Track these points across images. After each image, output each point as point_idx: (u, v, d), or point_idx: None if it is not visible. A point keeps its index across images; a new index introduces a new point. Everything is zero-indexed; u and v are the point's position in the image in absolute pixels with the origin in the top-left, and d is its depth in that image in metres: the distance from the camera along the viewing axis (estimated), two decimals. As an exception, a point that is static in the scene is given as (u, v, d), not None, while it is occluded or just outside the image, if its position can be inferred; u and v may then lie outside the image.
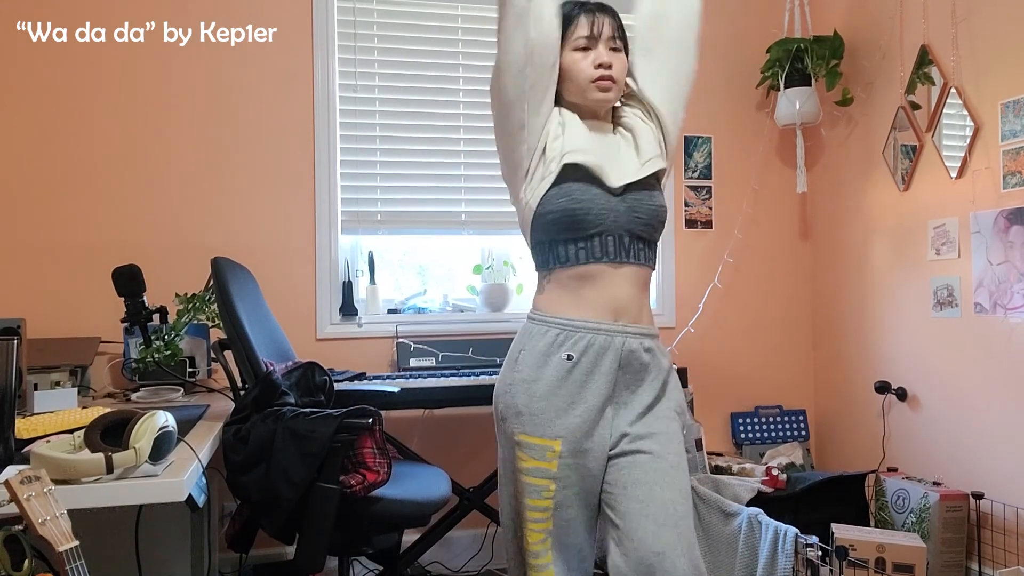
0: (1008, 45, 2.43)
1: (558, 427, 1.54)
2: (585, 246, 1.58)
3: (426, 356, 2.86)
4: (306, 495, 1.83)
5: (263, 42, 2.89)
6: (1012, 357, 2.43)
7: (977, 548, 2.52)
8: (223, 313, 2.00)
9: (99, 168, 2.76)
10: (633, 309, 1.60)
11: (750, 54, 3.33)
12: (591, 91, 1.61)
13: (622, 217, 1.58)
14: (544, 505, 1.54)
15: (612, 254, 1.58)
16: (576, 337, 1.56)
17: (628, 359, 1.57)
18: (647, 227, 1.61)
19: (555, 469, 1.53)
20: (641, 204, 1.60)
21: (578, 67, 1.60)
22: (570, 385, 1.55)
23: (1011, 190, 2.41)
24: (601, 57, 1.59)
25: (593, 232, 1.57)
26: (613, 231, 1.58)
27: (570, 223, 1.56)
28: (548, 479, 1.54)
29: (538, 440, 1.54)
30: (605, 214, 1.57)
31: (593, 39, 1.60)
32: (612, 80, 1.60)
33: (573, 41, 1.61)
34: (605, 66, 1.59)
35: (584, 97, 1.62)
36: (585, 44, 1.60)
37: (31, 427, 1.61)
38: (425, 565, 2.92)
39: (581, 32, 1.60)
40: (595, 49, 1.60)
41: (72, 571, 1.11)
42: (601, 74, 1.59)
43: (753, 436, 3.27)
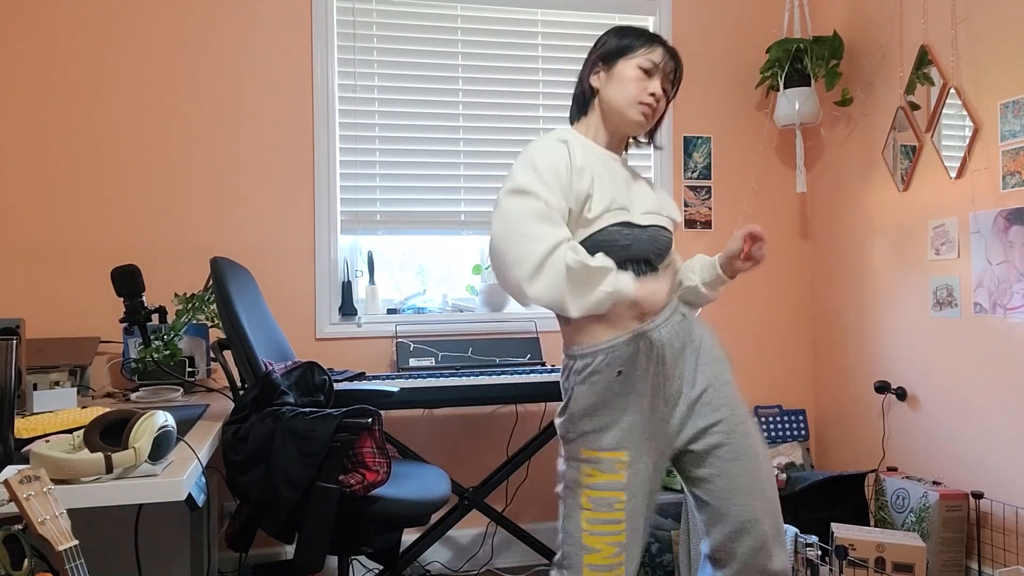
0: (1007, 45, 2.43)
1: (622, 438, 1.58)
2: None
3: (425, 356, 2.86)
4: (306, 495, 1.83)
5: (263, 42, 2.89)
6: (1012, 357, 2.43)
7: (977, 548, 2.52)
8: (222, 313, 1.99)
9: (98, 168, 2.76)
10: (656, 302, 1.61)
11: (750, 54, 3.34)
12: (633, 110, 1.65)
13: (644, 247, 1.65)
14: (616, 518, 1.56)
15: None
16: (616, 354, 1.59)
17: (662, 352, 1.61)
18: (659, 257, 1.70)
19: (623, 479, 1.57)
20: (659, 236, 1.68)
21: (632, 85, 1.65)
22: (623, 396, 1.59)
23: (1010, 190, 2.41)
24: (656, 88, 1.66)
25: (626, 260, 1.62)
26: (638, 259, 1.65)
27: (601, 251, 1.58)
28: (619, 491, 1.57)
29: (606, 454, 1.58)
30: (631, 243, 1.63)
31: (659, 69, 1.66)
32: (654, 112, 1.67)
33: (641, 59, 1.65)
34: (657, 97, 1.66)
35: (624, 112, 1.66)
36: (650, 68, 1.65)
37: (30, 427, 1.61)
38: (425, 565, 2.92)
39: (654, 57, 1.65)
40: (654, 78, 1.66)
41: (71, 570, 1.11)
42: (649, 101, 1.65)
43: (753, 436, 3.27)
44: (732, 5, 3.35)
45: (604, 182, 1.61)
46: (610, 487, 1.57)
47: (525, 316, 3.08)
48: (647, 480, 1.60)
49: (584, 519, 1.57)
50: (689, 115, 3.30)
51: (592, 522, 1.57)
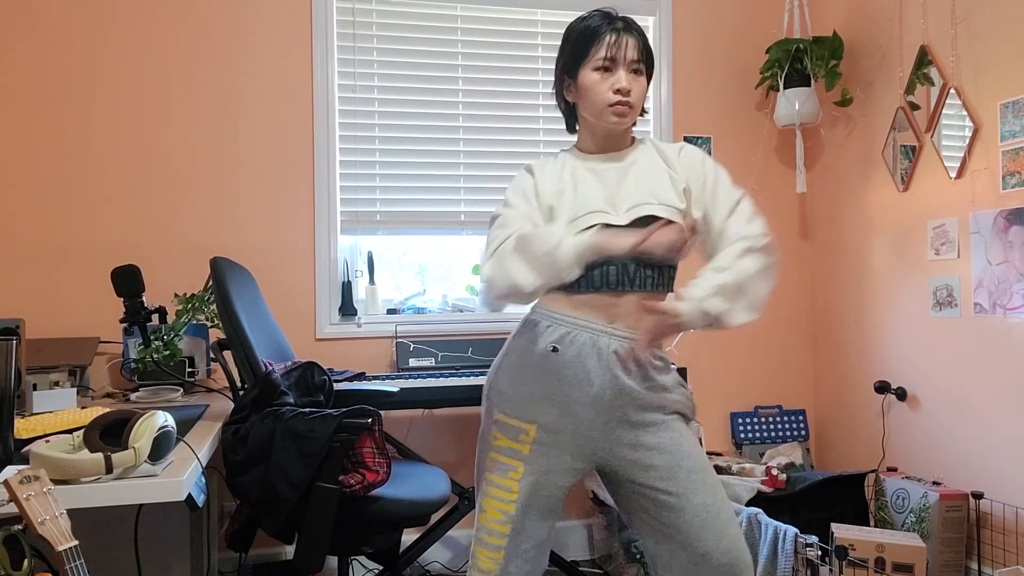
0: (1007, 46, 2.43)
1: (535, 413, 1.56)
2: (587, 276, 1.56)
3: (425, 356, 2.86)
4: (305, 495, 1.83)
5: (263, 42, 2.89)
6: (1012, 357, 2.43)
7: (977, 548, 2.52)
8: (222, 313, 1.99)
9: (98, 168, 2.76)
10: (630, 320, 1.57)
11: (749, 54, 3.34)
12: (606, 115, 1.60)
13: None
14: (508, 486, 1.56)
15: (613, 283, 1.56)
16: (564, 331, 1.57)
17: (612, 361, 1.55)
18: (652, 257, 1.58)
19: (526, 452, 1.56)
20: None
21: (596, 90, 1.59)
22: (551, 376, 1.56)
23: (1010, 190, 2.41)
24: (620, 82, 1.57)
25: (595, 264, 1.55)
26: (615, 260, 1.55)
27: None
28: (518, 461, 1.56)
29: (514, 421, 1.57)
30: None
31: (614, 62, 1.58)
32: (629, 106, 1.59)
33: (593, 61, 1.59)
34: (623, 92, 1.58)
35: (599, 119, 1.62)
36: (607, 66, 1.58)
37: (30, 427, 1.61)
38: (425, 565, 2.92)
39: (601, 52, 1.58)
40: (615, 73, 1.58)
41: (71, 571, 1.11)
42: (619, 100, 1.58)
43: (753, 436, 3.27)
44: (732, 5, 3.35)
45: (579, 192, 1.60)
46: (510, 454, 1.56)
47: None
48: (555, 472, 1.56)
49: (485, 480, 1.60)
50: (689, 115, 3.30)
51: (488, 483, 1.58)
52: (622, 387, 1.55)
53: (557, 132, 3.16)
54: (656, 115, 3.27)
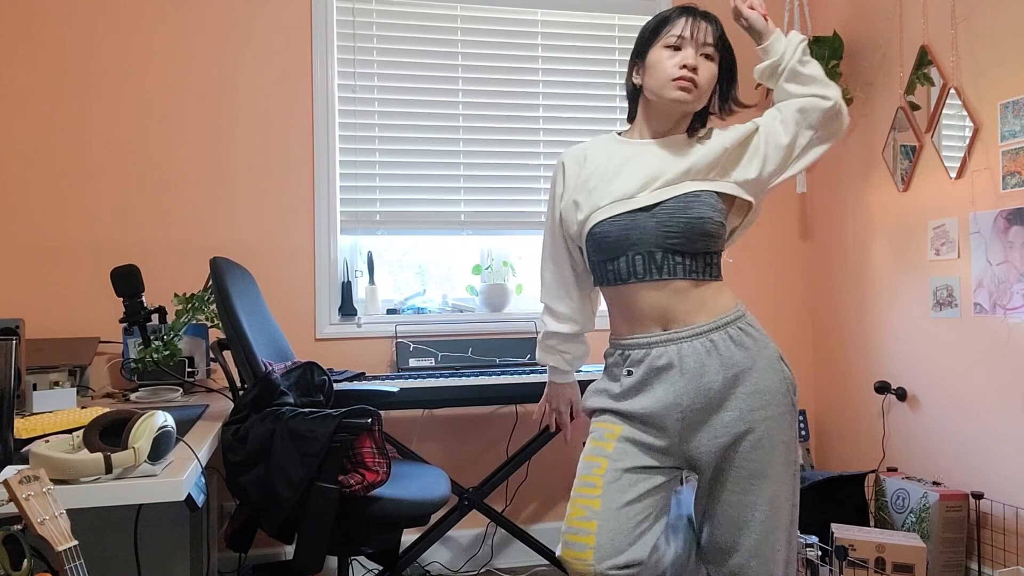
0: (1007, 46, 2.43)
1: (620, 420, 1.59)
2: (614, 267, 1.57)
3: (425, 356, 2.86)
4: (305, 495, 1.83)
5: (263, 42, 2.89)
6: (1012, 357, 2.43)
7: (977, 548, 2.52)
8: (222, 313, 1.99)
9: (98, 168, 2.76)
10: (681, 314, 1.55)
11: (750, 54, 3.33)
12: (668, 89, 1.55)
13: (649, 234, 1.54)
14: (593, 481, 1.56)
15: (642, 273, 1.55)
16: (632, 354, 1.59)
17: (692, 366, 1.53)
18: (681, 240, 1.53)
19: (610, 449, 1.57)
20: (673, 218, 1.53)
21: (661, 64, 1.56)
22: (634, 395, 1.58)
23: (1010, 190, 2.41)
24: (688, 59, 1.54)
25: (619, 253, 1.56)
26: (640, 249, 1.55)
27: (598, 245, 1.58)
28: (601, 457, 1.57)
29: (601, 424, 1.61)
30: (626, 235, 1.54)
31: (684, 40, 1.56)
32: (695, 84, 1.55)
33: (665, 38, 1.57)
34: (690, 68, 1.54)
35: (660, 95, 1.57)
36: (676, 43, 1.56)
37: (30, 427, 1.61)
38: (425, 565, 2.92)
39: (674, 31, 1.56)
40: (684, 50, 1.56)
41: (71, 571, 1.11)
42: (683, 74, 1.53)
43: (753, 436, 3.27)
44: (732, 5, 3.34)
45: (596, 182, 1.60)
46: (595, 453, 1.58)
47: (525, 316, 3.08)
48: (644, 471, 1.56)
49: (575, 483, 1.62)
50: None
51: (576, 485, 1.59)
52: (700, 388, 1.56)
53: (557, 132, 3.16)
54: (656, 115, 3.26)
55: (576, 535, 1.52)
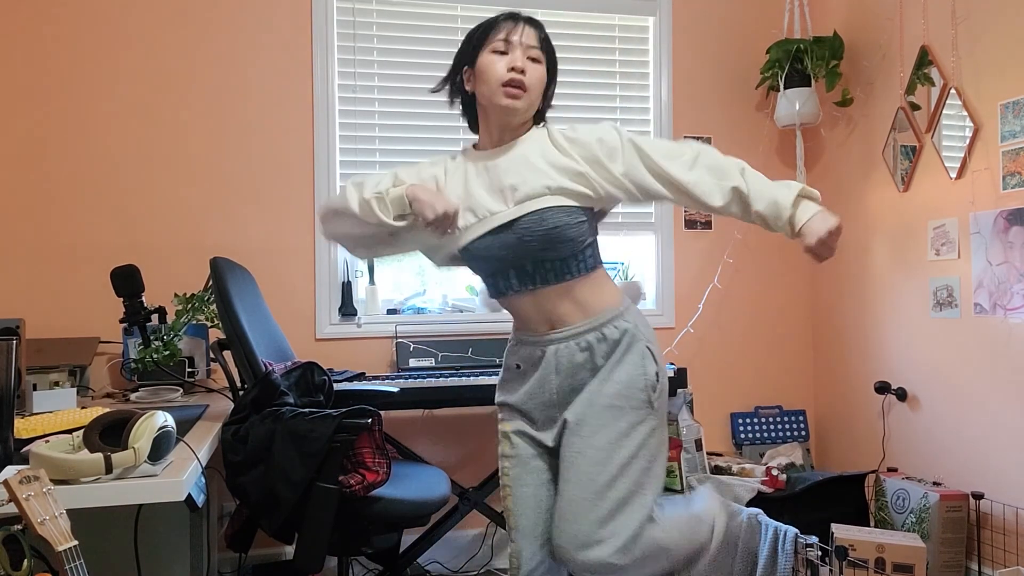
0: (1007, 46, 2.43)
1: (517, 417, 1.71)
2: (493, 282, 1.66)
3: (425, 356, 2.86)
4: (305, 495, 1.83)
5: (263, 42, 2.89)
6: (1012, 357, 2.43)
7: (977, 548, 2.52)
8: (222, 313, 1.99)
9: (99, 168, 2.76)
10: (565, 315, 1.62)
11: (750, 55, 3.34)
12: (499, 95, 1.58)
13: (515, 249, 1.57)
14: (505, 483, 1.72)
15: (516, 286, 1.62)
16: (520, 348, 1.69)
17: (563, 362, 1.62)
18: (545, 250, 1.56)
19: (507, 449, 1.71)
20: (531, 231, 1.55)
21: (492, 68, 1.58)
22: (522, 388, 1.68)
23: (1010, 191, 2.41)
24: (516, 61, 1.58)
25: (493, 271, 1.63)
26: (513, 263, 1.59)
27: (472, 263, 1.66)
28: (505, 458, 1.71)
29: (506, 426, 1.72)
30: (495, 255, 1.59)
31: (511, 44, 1.59)
32: (523, 88, 1.58)
33: (492, 43, 1.60)
34: (518, 70, 1.57)
35: (491, 102, 1.59)
36: (503, 48, 1.59)
37: (30, 427, 1.61)
38: (425, 565, 2.92)
39: (500, 35, 1.59)
40: (511, 53, 1.59)
41: (71, 571, 1.11)
42: (511, 78, 1.56)
43: (753, 436, 3.27)
44: (732, 5, 3.35)
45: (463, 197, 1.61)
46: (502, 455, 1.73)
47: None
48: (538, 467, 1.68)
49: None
50: (689, 115, 3.30)
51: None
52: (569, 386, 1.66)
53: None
54: (656, 115, 3.27)
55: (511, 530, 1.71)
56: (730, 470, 2.86)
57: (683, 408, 2.86)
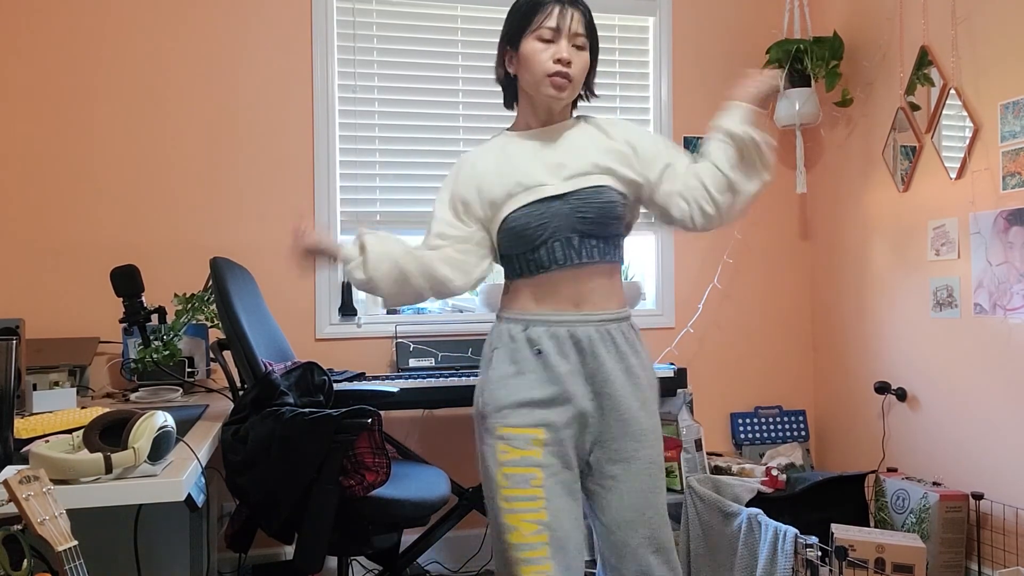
0: (1007, 46, 2.43)
1: (539, 416, 1.56)
2: (535, 257, 1.60)
3: (425, 356, 2.86)
4: (305, 495, 1.83)
5: (263, 42, 2.89)
6: (1012, 357, 2.43)
7: (977, 548, 2.52)
8: (222, 313, 1.99)
9: (99, 168, 2.76)
10: (595, 299, 1.61)
11: (750, 55, 3.33)
12: (544, 86, 1.59)
13: (565, 220, 1.58)
14: (534, 494, 1.54)
15: (562, 259, 1.59)
16: (541, 330, 1.59)
17: (591, 346, 1.59)
18: (595, 225, 1.58)
19: (540, 457, 1.55)
20: (587, 203, 1.58)
21: (537, 59, 1.58)
22: (544, 376, 1.57)
23: (1010, 191, 2.41)
24: (561, 52, 1.56)
25: (537, 242, 1.59)
26: (558, 236, 1.58)
27: (516, 235, 1.59)
28: (534, 467, 1.54)
29: (521, 430, 1.56)
30: (543, 224, 1.58)
31: (558, 32, 1.57)
32: (568, 79, 1.58)
33: (538, 30, 1.58)
34: (564, 62, 1.57)
35: (537, 91, 1.61)
36: (550, 36, 1.57)
37: (30, 427, 1.61)
38: (425, 565, 2.92)
39: (548, 23, 1.57)
40: (557, 43, 1.57)
41: (71, 571, 1.11)
42: (558, 70, 1.56)
43: (753, 436, 3.27)
44: (732, 5, 3.35)
45: (507, 171, 1.62)
46: (525, 463, 1.55)
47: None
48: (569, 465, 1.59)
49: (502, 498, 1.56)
50: (689, 115, 3.30)
51: (509, 500, 1.55)
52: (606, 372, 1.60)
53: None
54: (656, 115, 3.27)
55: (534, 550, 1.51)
56: (730, 470, 2.86)
57: (683, 408, 2.86)
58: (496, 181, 1.62)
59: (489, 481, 1.59)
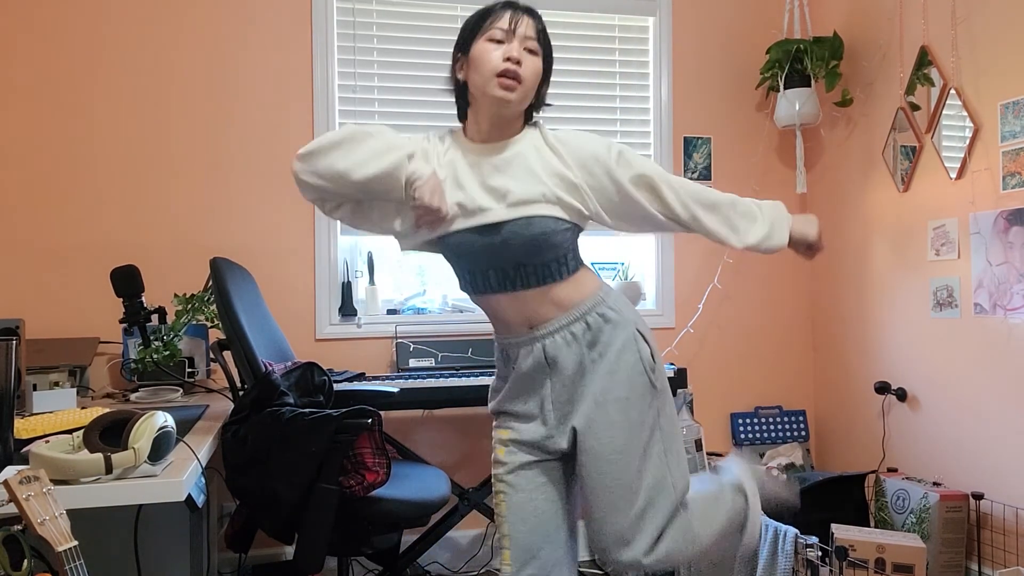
0: (1007, 46, 2.43)
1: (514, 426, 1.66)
2: (471, 279, 1.62)
3: (425, 356, 2.86)
4: (305, 495, 1.83)
5: (263, 42, 2.89)
6: (1012, 357, 2.43)
7: (977, 548, 2.52)
8: (222, 313, 1.99)
9: (99, 168, 2.76)
10: (545, 315, 1.59)
11: (750, 55, 3.34)
12: (492, 86, 1.52)
13: (498, 251, 1.53)
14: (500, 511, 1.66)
15: (495, 286, 1.59)
16: (511, 352, 1.65)
17: (553, 358, 1.60)
18: (528, 254, 1.53)
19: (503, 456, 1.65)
20: (516, 235, 1.52)
21: (486, 57, 1.53)
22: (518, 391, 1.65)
23: (1010, 191, 2.41)
24: (512, 52, 1.52)
25: (473, 267, 1.59)
26: (492, 264, 1.56)
27: (452, 255, 1.61)
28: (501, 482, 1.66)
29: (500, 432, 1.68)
30: (476, 254, 1.55)
31: (509, 33, 1.55)
32: (518, 80, 1.52)
33: (489, 32, 1.55)
34: (513, 60, 1.52)
35: (484, 92, 1.53)
36: (500, 37, 1.54)
37: (30, 427, 1.61)
38: (425, 565, 2.92)
39: (499, 24, 1.55)
40: (508, 43, 1.54)
41: (71, 571, 1.11)
42: (507, 68, 1.51)
43: (753, 436, 3.27)
44: (732, 5, 3.35)
45: (452, 189, 1.55)
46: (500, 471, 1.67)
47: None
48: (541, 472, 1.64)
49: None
50: (689, 116, 3.30)
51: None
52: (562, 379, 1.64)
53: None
54: (656, 115, 3.27)
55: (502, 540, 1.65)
56: (730, 470, 2.86)
57: (683, 408, 2.86)
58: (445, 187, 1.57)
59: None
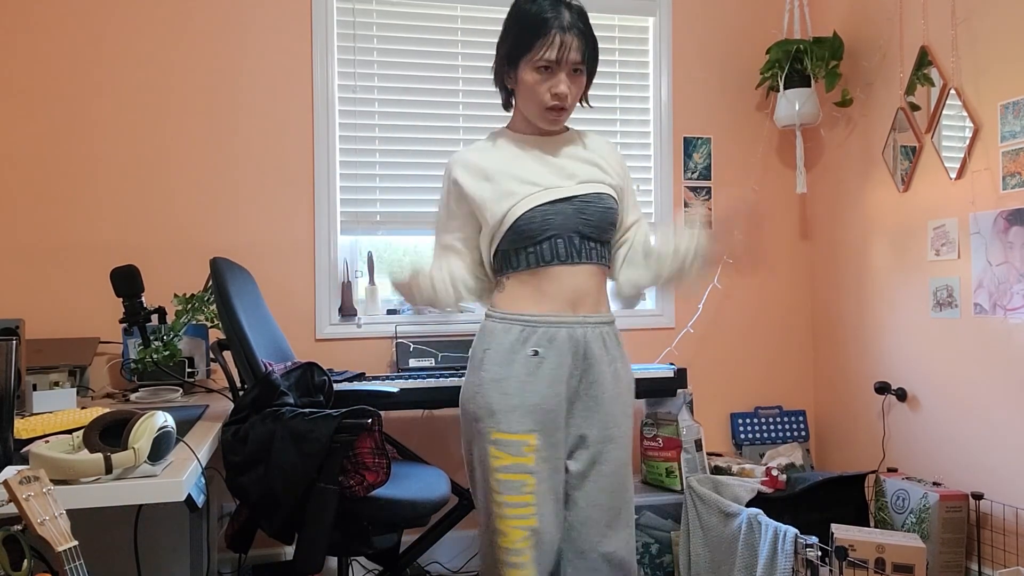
0: (1007, 47, 2.43)
1: (531, 422, 1.59)
2: (536, 250, 1.64)
3: (425, 356, 2.86)
4: (305, 495, 1.83)
5: (263, 42, 2.89)
6: (1012, 357, 2.43)
7: (977, 548, 2.52)
8: (222, 313, 1.99)
9: (99, 168, 2.76)
10: (590, 301, 1.67)
11: (749, 55, 3.34)
12: (542, 119, 1.67)
13: (570, 220, 1.64)
14: (525, 500, 1.57)
15: (564, 255, 1.64)
16: (540, 332, 1.62)
17: (587, 347, 1.65)
18: (596, 228, 1.67)
19: (532, 464, 1.58)
20: (589, 207, 1.66)
21: (535, 91, 1.63)
22: (539, 380, 1.60)
23: (1010, 191, 2.41)
24: (559, 86, 1.60)
25: (541, 238, 1.63)
26: (563, 233, 1.64)
27: (521, 232, 1.63)
28: (526, 474, 1.58)
29: (514, 436, 1.59)
30: (551, 219, 1.63)
31: (557, 64, 1.59)
32: (564, 110, 1.65)
33: (536, 60, 1.59)
34: (561, 97, 1.62)
35: (534, 119, 1.69)
36: (548, 65, 1.59)
37: (30, 427, 1.61)
38: (425, 565, 2.92)
39: (547, 55, 1.58)
40: (556, 75, 1.60)
41: (71, 571, 1.11)
42: (555, 104, 1.63)
43: (753, 436, 3.27)
44: (732, 5, 3.35)
45: (512, 173, 1.66)
46: (517, 470, 1.59)
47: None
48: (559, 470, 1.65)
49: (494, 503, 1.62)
50: (689, 116, 3.30)
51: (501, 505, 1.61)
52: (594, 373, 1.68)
53: (557, 132, 3.16)
54: (656, 115, 3.27)
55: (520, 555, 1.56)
56: (730, 470, 2.86)
57: (683, 408, 2.86)
58: (509, 178, 1.66)
59: (481, 484, 1.65)
